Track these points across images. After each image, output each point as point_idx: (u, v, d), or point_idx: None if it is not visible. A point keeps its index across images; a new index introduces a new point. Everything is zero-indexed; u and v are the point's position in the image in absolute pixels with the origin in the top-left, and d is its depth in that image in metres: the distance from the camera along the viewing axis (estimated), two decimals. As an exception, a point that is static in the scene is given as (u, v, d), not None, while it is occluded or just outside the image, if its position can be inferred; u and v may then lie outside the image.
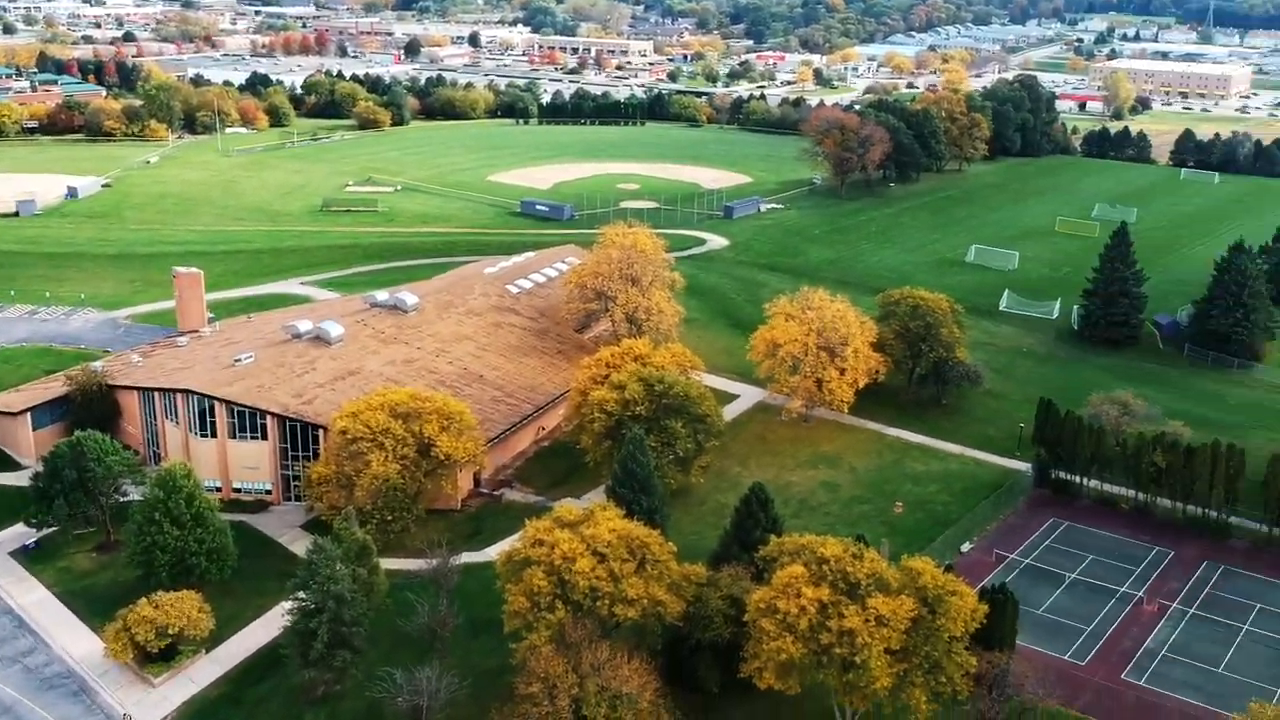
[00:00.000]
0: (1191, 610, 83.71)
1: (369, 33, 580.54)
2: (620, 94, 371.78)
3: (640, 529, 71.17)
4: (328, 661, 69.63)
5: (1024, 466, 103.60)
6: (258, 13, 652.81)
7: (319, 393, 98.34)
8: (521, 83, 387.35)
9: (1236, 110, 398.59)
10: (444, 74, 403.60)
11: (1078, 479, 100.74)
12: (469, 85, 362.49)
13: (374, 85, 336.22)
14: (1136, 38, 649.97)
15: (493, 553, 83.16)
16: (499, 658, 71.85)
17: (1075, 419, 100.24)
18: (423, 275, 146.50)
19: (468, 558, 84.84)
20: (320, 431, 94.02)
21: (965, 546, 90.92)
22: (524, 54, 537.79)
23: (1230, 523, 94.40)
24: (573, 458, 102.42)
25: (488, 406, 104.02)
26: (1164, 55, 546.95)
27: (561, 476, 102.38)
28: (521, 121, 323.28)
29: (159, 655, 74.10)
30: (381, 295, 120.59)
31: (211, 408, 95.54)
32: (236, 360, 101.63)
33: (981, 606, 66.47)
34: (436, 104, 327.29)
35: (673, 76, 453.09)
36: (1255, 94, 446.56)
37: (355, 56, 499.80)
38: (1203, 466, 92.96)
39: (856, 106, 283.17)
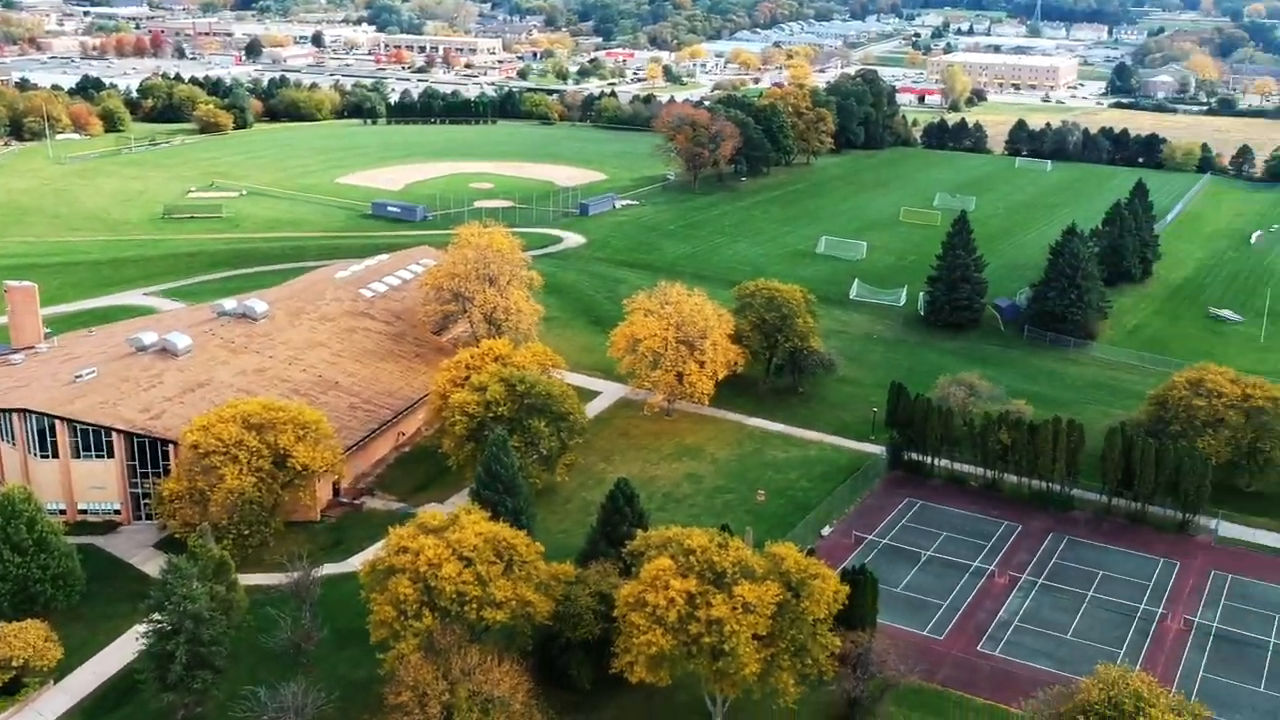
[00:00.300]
0: (1040, 580, 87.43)
1: (207, 33, 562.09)
2: (470, 92, 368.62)
3: (506, 530, 70.81)
4: (187, 684, 67.35)
5: (879, 449, 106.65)
6: (86, 13, 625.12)
7: (167, 407, 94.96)
8: (368, 82, 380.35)
9: (1055, 100, 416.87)
10: (287, 75, 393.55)
11: (929, 459, 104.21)
12: (314, 86, 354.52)
13: (214, 87, 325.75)
14: (970, 32, 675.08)
15: (356, 562, 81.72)
16: (367, 669, 70.69)
17: (925, 401, 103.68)
18: (272, 282, 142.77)
19: (330, 569, 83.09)
20: (170, 447, 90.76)
21: (826, 530, 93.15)
22: (370, 53, 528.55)
23: (1072, 495, 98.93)
24: (435, 462, 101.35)
25: (345, 414, 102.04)
26: (996, 48, 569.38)
27: (424, 482, 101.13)
28: (370, 122, 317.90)
29: (2, 689, 70.48)
30: (230, 304, 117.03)
31: (52, 427, 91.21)
32: (77, 376, 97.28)
33: (843, 588, 68.16)
34: (281, 105, 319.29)
35: (522, 74, 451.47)
36: (1081, 84, 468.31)
37: (193, 58, 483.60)
38: (1045, 442, 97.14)
39: (706, 103, 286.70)
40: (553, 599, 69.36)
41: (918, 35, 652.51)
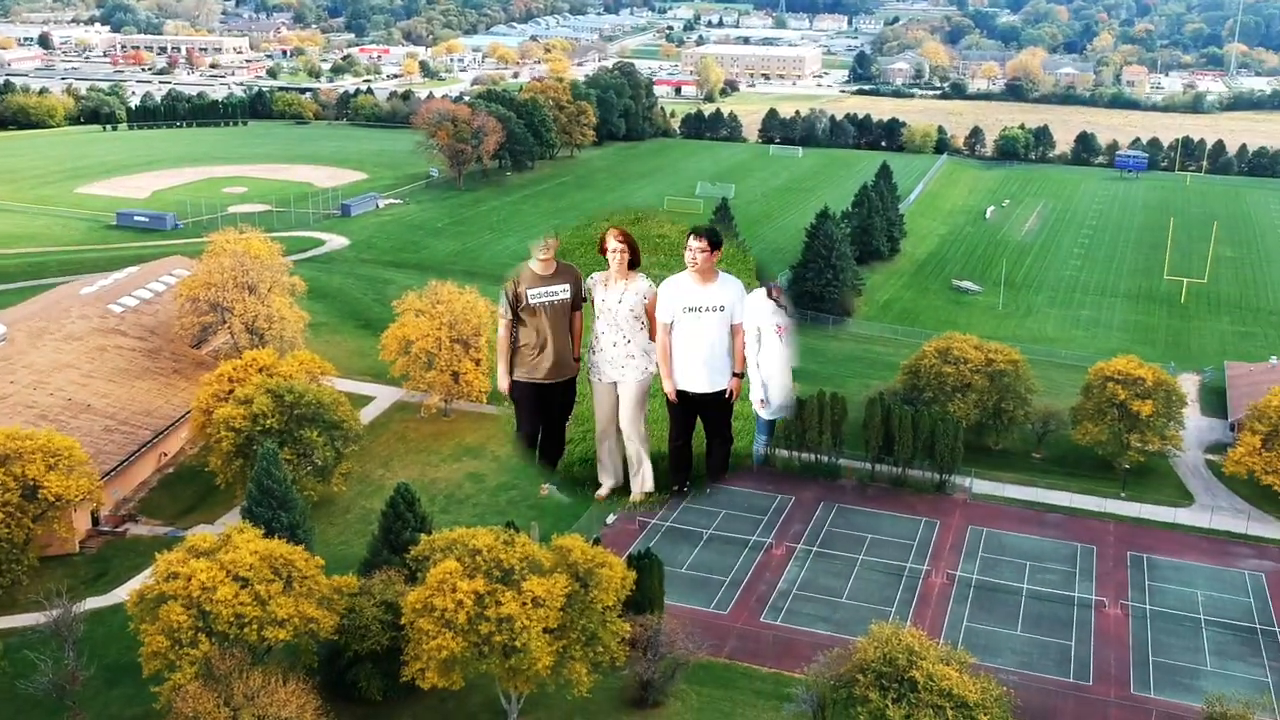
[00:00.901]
0: (814, 549, 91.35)
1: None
2: (217, 93, 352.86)
3: (283, 547, 68.57)
4: (-64, 742, 62.32)
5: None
6: None
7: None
8: (105, 86, 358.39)
9: (826, 89, 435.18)
10: (12, 79, 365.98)
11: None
12: (44, 90, 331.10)
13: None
14: (720, 24, 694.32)
15: (122, 593, 77.37)
16: (141, 705, 67.12)
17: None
18: (8, 302, 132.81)
19: (94, 603, 78.48)
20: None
21: (610, 518, 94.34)
22: (105, 55, 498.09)
23: (839, 464, 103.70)
24: (202, 482, 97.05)
25: (100, 438, 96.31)
26: (746, 40, 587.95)
27: (192, 503, 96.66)
28: (110, 127, 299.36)
29: None
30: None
31: None
32: None
33: (630, 574, 69.27)
34: (7, 112, 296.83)
35: (273, 73, 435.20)
36: (826, 73, 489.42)
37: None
38: (812, 416, 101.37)
39: (466, 98, 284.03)
40: (336, 613, 67.71)
41: (670, 28, 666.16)
